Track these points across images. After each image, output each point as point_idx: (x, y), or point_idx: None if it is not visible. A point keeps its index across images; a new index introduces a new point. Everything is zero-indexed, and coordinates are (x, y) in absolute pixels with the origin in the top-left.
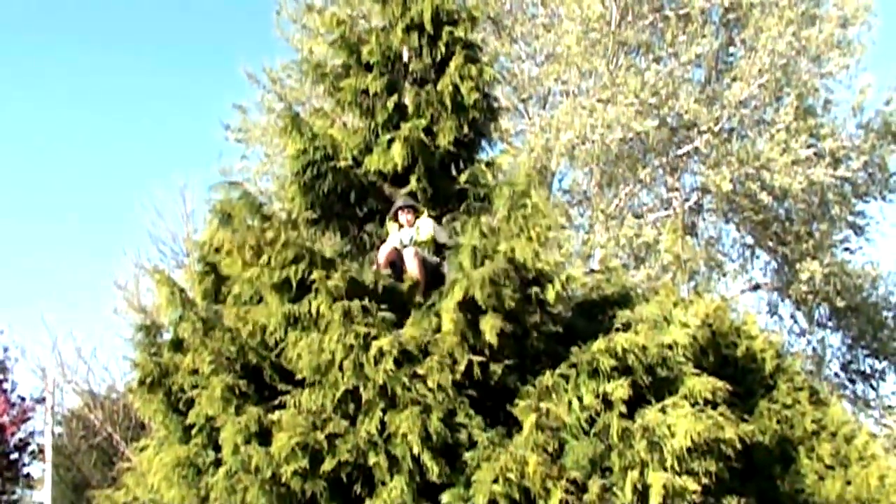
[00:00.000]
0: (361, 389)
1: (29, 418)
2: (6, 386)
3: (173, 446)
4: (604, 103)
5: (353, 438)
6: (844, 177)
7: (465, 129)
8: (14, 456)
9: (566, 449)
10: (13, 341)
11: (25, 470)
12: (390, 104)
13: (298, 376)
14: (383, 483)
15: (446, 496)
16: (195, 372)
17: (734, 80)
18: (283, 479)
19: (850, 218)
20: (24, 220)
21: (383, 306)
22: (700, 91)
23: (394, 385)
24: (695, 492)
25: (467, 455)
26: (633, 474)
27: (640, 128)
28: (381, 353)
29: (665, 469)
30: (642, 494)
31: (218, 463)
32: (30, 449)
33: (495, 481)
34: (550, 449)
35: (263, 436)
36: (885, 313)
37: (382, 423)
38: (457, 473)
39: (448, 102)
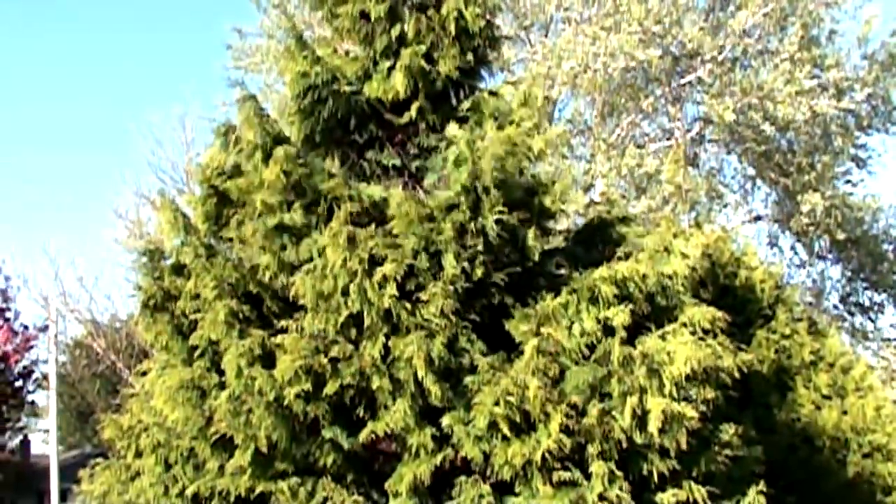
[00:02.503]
0: (365, 314)
1: (32, 346)
2: (9, 315)
3: (177, 369)
4: (607, 31)
5: (356, 362)
6: (848, 108)
7: (468, 57)
8: (19, 384)
9: (566, 374)
10: (15, 270)
11: (30, 398)
12: (393, 31)
13: (301, 301)
14: (386, 406)
15: (447, 418)
16: (198, 297)
17: (738, 8)
18: (287, 402)
19: (853, 150)
20: (24, 150)
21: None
22: (704, 19)
23: (398, 310)
24: (692, 418)
25: (468, 379)
26: (633, 400)
27: (644, 57)
28: (384, 278)
29: (664, 395)
30: (641, 419)
31: (222, 385)
32: (34, 377)
33: (496, 404)
34: (551, 374)
35: (267, 359)
36: (885, 246)
37: (386, 347)
38: (458, 397)
39: (451, 29)
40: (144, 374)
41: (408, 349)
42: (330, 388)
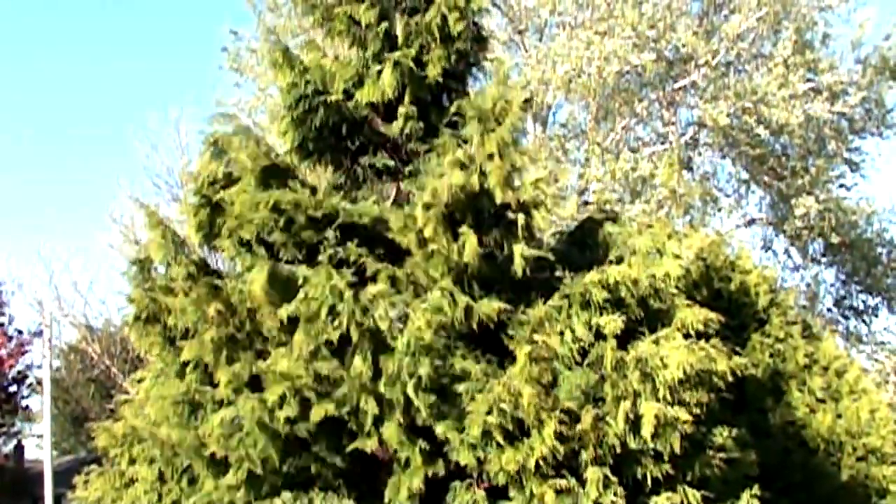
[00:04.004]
0: (352, 333)
1: (27, 351)
2: (3, 319)
3: (170, 381)
4: (601, 36)
5: (345, 383)
6: (841, 112)
7: (454, 60)
8: (13, 388)
9: (560, 380)
10: (10, 274)
11: (24, 402)
12: (381, 34)
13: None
14: (376, 425)
15: (441, 426)
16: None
17: (732, 12)
18: (277, 427)
19: (847, 154)
20: (20, 149)
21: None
22: (698, 24)
23: (385, 328)
24: (686, 422)
25: (461, 387)
26: (626, 404)
27: (638, 61)
28: (373, 297)
29: (657, 399)
30: (634, 424)
31: (214, 399)
32: (28, 381)
33: (489, 413)
34: (544, 380)
35: (256, 383)
36: (878, 249)
37: (375, 365)
38: (450, 405)
39: (437, 32)
40: (140, 381)
41: (395, 367)
42: (317, 413)
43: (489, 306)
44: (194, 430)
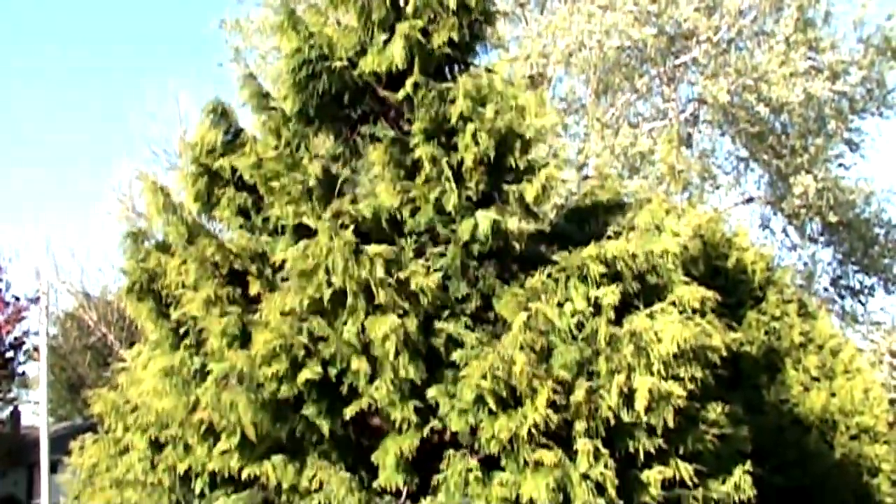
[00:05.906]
0: (347, 292)
1: (23, 318)
2: (0, 286)
3: (164, 353)
4: (602, 9)
5: (334, 342)
6: (842, 91)
7: (465, 32)
8: (9, 355)
9: (554, 352)
10: (7, 241)
11: (21, 369)
12: (387, 3)
13: (282, 276)
14: (370, 382)
15: (432, 391)
16: (183, 273)
17: None
18: (265, 384)
19: (846, 133)
20: (21, 117)
21: None
22: None
23: (377, 288)
24: (680, 397)
25: (456, 353)
26: (620, 378)
27: (638, 35)
28: (370, 258)
29: (651, 374)
30: (628, 398)
31: (203, 367)
32: (25, 348)
33: (483, 378)
34: (538, 349)
35: (246, 338)
36: (876, 230)
37: (364, 326)
38: (444, 371)
39: (448, 2)
40: (138, 355)
41: (382, 329)
42: (306, 373)
43: (492, 275)
44: (186, 398)
